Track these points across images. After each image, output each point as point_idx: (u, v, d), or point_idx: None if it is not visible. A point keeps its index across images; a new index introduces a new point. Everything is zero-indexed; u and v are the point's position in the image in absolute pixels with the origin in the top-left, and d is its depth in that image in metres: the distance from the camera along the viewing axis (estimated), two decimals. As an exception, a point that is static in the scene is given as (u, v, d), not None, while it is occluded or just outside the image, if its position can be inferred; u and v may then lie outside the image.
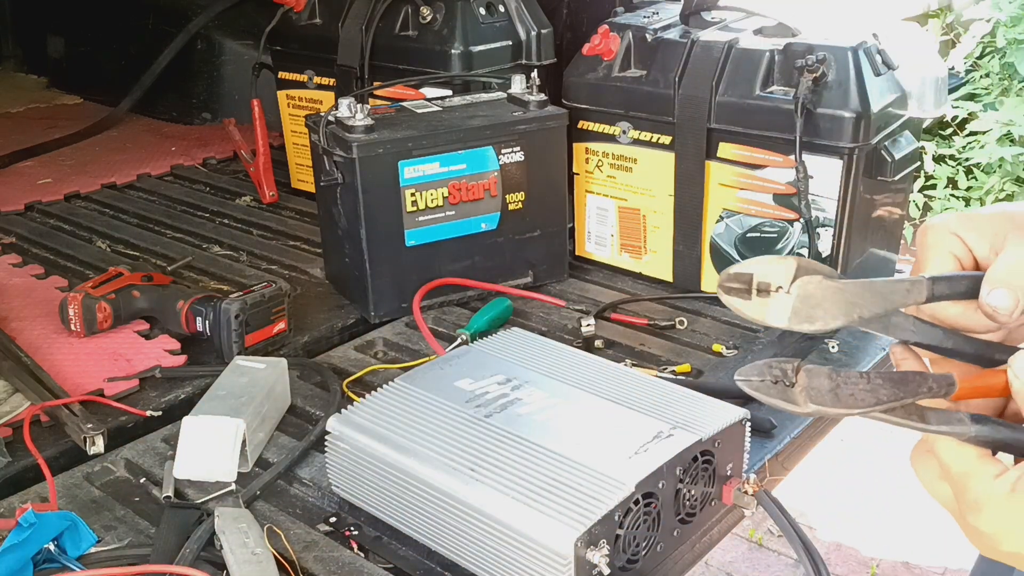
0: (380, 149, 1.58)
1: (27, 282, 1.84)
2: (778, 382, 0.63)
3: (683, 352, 1.57)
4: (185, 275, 1.88)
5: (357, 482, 1.17)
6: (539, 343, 1.34)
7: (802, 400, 0.62)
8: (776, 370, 0.63)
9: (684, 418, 1.12)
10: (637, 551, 1.05)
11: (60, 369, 1.49)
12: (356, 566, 1.10)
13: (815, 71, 1.50)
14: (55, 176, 2.46)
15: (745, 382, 0.63)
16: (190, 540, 1.10)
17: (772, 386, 0.63)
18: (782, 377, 0.63)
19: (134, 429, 1.39)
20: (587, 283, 1.82)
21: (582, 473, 1.03)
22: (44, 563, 1.08)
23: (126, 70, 3.02)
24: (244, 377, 1.35)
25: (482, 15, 1.94)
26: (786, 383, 0.62)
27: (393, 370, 1.51)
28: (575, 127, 1.79)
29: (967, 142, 3.49)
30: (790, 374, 0.62)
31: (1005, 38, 3.42)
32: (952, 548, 2.37)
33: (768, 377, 0.63)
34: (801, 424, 1.38)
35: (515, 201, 1.71)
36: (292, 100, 2.23)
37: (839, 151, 1.53)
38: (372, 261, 1.63)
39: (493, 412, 1.15)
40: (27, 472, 1.27)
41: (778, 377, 0.63)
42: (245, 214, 2.21)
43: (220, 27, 2.94)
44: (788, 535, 1.17)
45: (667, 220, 1.74)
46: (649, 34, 1.72)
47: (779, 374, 0.63)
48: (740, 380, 0.64)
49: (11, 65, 3.58)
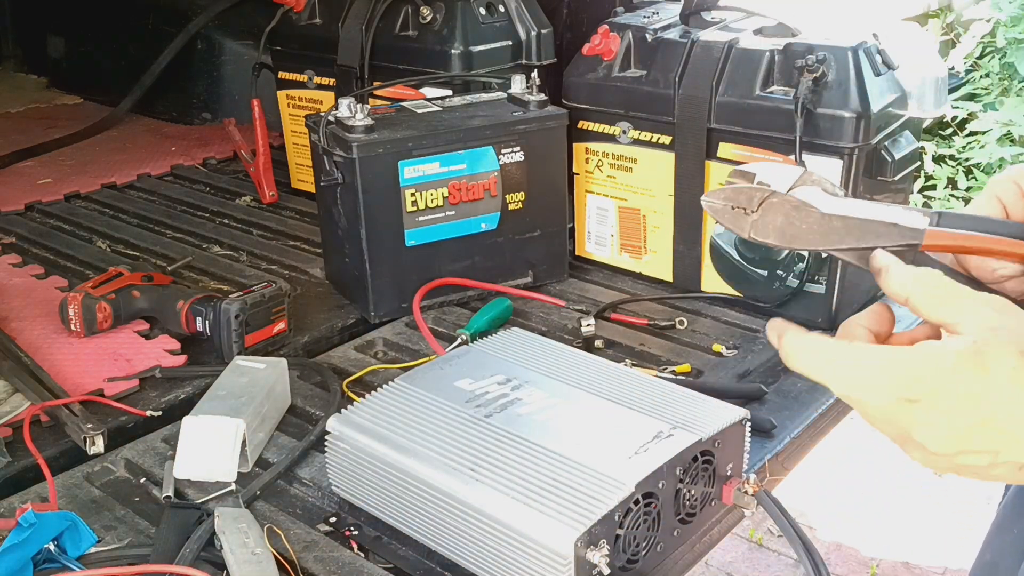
0: (380, 149, 1.58)
1: (27, 282, 1.84)
2: (736, 208, 0.64)
3: (683, 352, 1.57)
4: (185, 275, 1.88)
5: (357, 482, 1.17)
6: (539, 343, 1.34)
7: (747, 229, 0.63)
8: (743, 197, 0.64)
9: (684, 418, 1.12)
10: (637, 551, 1.05)
11: (60, 369, 1.49)
12: (356, 566, 1.10)
13: (815, 71, 1.50)
14: (55, 176, 2.46)
15: (708, 202, 0.65)
16: (190, 540, 1.10)
17: (730, 211, 0.64)
18: (744, 204, 0.64)
19: (134, 429, 1.39)
20: (587, 283, 1.82)
21: (582, 473, 1.03)
22: (44, 563, 1.08)
23: (126, 70, 3.02)
24: (244, 377, 1.35)
25: (482, 15, 1.94)
26: (745, 211, 0.64)
27: (393, 370, 1.51)
28: (575, 127, 1.79)
29: (967, 142, 3.49)
30: (754, 203, 0.64)
31: (1005, 38, 3.41)
32: (952, 548, 2.37)
33: (732, 203, 0.64)
34: (801, 424, 1.38)
35: (515, 201, 1.71)
36: (292, 100, 2.23)
37: (839, 151, 1.53)
38: (372, 261, 1.63)
39: (493, 412, 1.15)
40: (27, 472, 1.27)
41: (740, 203, 0.64)
42: (245, 214, 2.21)
43: (220, 27, 2.94)
44: (788, 535, 1.17)
45: (667, 220, 1.74)
46: (649, 34, 1.72)
47: (744, 201, 0.64)
48: (705, 200, 0.66)
49: (11, 65, 3.58)
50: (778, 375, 1.49)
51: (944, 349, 0.62)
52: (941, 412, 0.62)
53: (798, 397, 1.43)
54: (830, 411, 1.43)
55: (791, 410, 1.40)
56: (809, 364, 0.66)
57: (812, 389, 1.45)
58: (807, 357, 0.65)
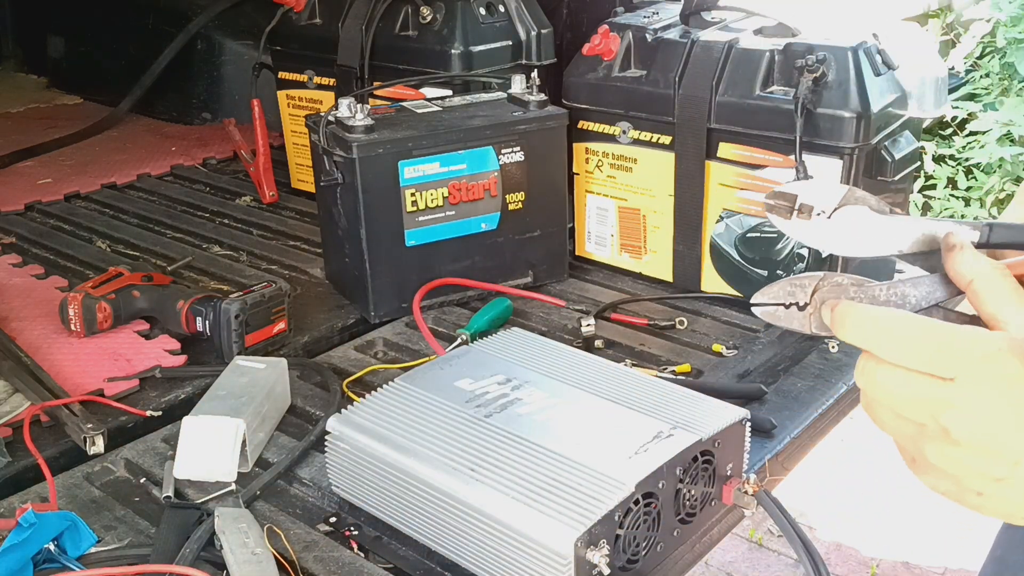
0: (380, 149, 1.58)
1: (27, 282, 1.84)
2: (791, 306, 0.62)
3: (683, 352, 1.57)
4: (185, 275, 1.88)
5: (357, 482, 1.17)
6: (539, 343, 1.34)
7: (810, 325, 0.61)
8: (794, 289, 0.62)
9: (684, 418, 1.12)
10: (637, 551, 1.05)
11: (60, 369, 1.49)
12: (356, 566, 1.10)
13: (815, 71, 1.50)
14: (55, 176, 2.46)
15: (759, 309, 0.63)
16: (190, 540, 1.10)
17: (784, 312, 0.62)
18: (800, 299, 0.62)
19: (134, 429, 1.39)
20: (587, 283, 1.82)
21: (582, 473, 1.03)
22: (44, 563, 1.08)
23: (126, 70, 3.02)
24: (244, 377, 1.35)
25: (482, 15, 1.94)
26: (799, 306, 0.62)
27: (393, 370, 1.51)
28: (575, 127, 1.79)
29: (967, 142, 3.49)
30: (807, 293, 0.62)
31: (1005, 38, 3.41)
32: (952, 548, 2.37)
33: (782, 301, 0.62)
34: (801, 424, 1.38)
35: (515, 201, 1.71)
36: (292, 100, 2.23)
37: (839, 151, 1.53)
38: (372, 261, 1.63)
39: (493, 412, 1.15)
40: (27, 472, 1.27)
41: (791, 300, 0.62)
42: (245, 214, 2.21)
43: (220, 27, 2.94)
44: (788, 535, 1.17)
45: (667, 220, 1.74)
46: (649, 34, 1.72)
47: (799, 295, 0.62)
48: (755, 306, 0.63)
49: (11, 65, 3.58)
50: (778, 375, 1.49)
51: (994, 335, 0.61)
52: (976, 396, 0.60)
53: (798, 397, 1.43)
54: (830, 411, 1.43)
55: (791, 410, 1.40)
56: (857, 331, 0.63)
57: (812, 389, 1.45)
58: (856, 324, 0.63)
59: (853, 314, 0.63)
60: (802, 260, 1.59)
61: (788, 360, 1.54)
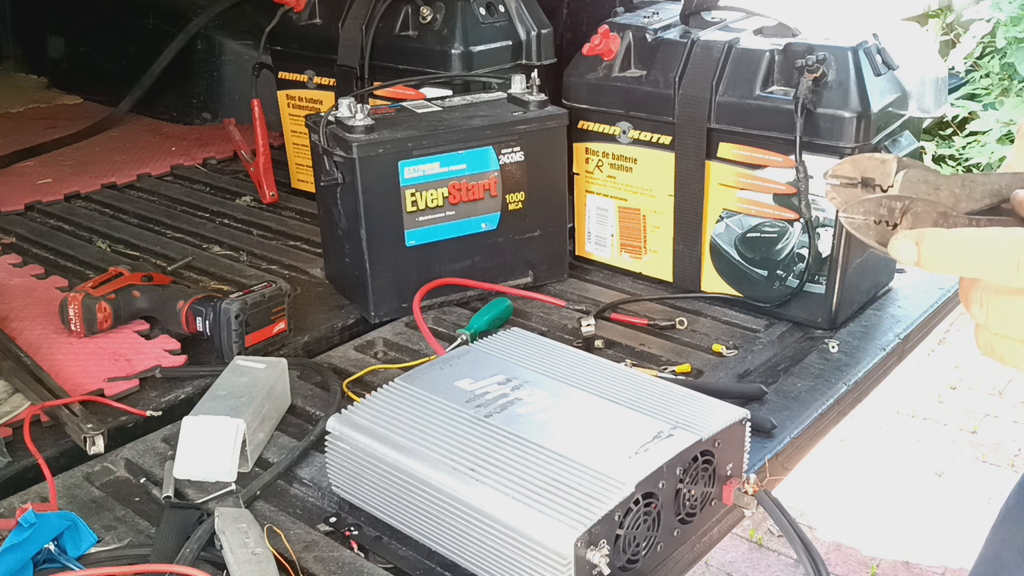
0: (380, 149, 1.58)
1: (27, 282, 1.84)
2: (881, 222, 0.61)
3: (683, 352, 1.57)
4: (185, 275, 1.88)
5: (357, 482, 1.17)
6: (539, 343, 1.34)
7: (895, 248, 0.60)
8: (883, 208, 0.61)
9: (684, 418, 1.12)
10: (637, 551, 1.05)
11: (60, 369, 1.49)
12: (356, 566, 1.10)
13: (815, 71, 1.50)
14: (55, 176, 2.47)
15: (847, 218, 0.61)
16: (190, 540, 1.10)
17: (873, 225, 0.61)
18: (887, 216, 0.61)
19: (134, 429, 1.39)
20: (587, 283, 1.82)
21: (582, 473, 1.03)
22: (44, 563, 1.08)
23: (126, 70, 3.02)
24: (244, 377, 1.35)
25: (482, 15, 1.94)
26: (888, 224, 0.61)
27: (393, 370, 1.51)
28: (575, 127, 1.79)
29: (967, 142, 3.49)
30: (896, 214, 0.61)
31: (1005, 38, 3.42)
32: (952, 548, 2.37)
33: (873, 216, 0.61)
34: (801, 424, 1.38)
35: (515, 201, 1.71)
36: (292, 100, 2.23)
37: (839, 151, 1.53)
38: (372, 261, 1.63)
39: (493, 412, 1.15)
40: (27, 472, 1.27)
41: (882, 216, 0.61)
42: (245, 214, 2.21)
43: (220, 27, 2.94)
44: (788, 535, 1.17)
45: (667, 220, 1.74)
46: (649, 34, 1.72)
47: (884, 213, 0.61)
48: (844, 216, 0.62)
49: (11, 65, 3.58)
50: (778, 375, 1.49)
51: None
52: None
53: (798, 397, 1.43)
54: (830, 411, 1.43)
55: (791, 410, 1.40)
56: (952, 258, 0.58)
57: (812, 389, 1.45)
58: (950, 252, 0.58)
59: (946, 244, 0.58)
60: (802, 260, 1.59)
61: (788, 360, 1.54)
